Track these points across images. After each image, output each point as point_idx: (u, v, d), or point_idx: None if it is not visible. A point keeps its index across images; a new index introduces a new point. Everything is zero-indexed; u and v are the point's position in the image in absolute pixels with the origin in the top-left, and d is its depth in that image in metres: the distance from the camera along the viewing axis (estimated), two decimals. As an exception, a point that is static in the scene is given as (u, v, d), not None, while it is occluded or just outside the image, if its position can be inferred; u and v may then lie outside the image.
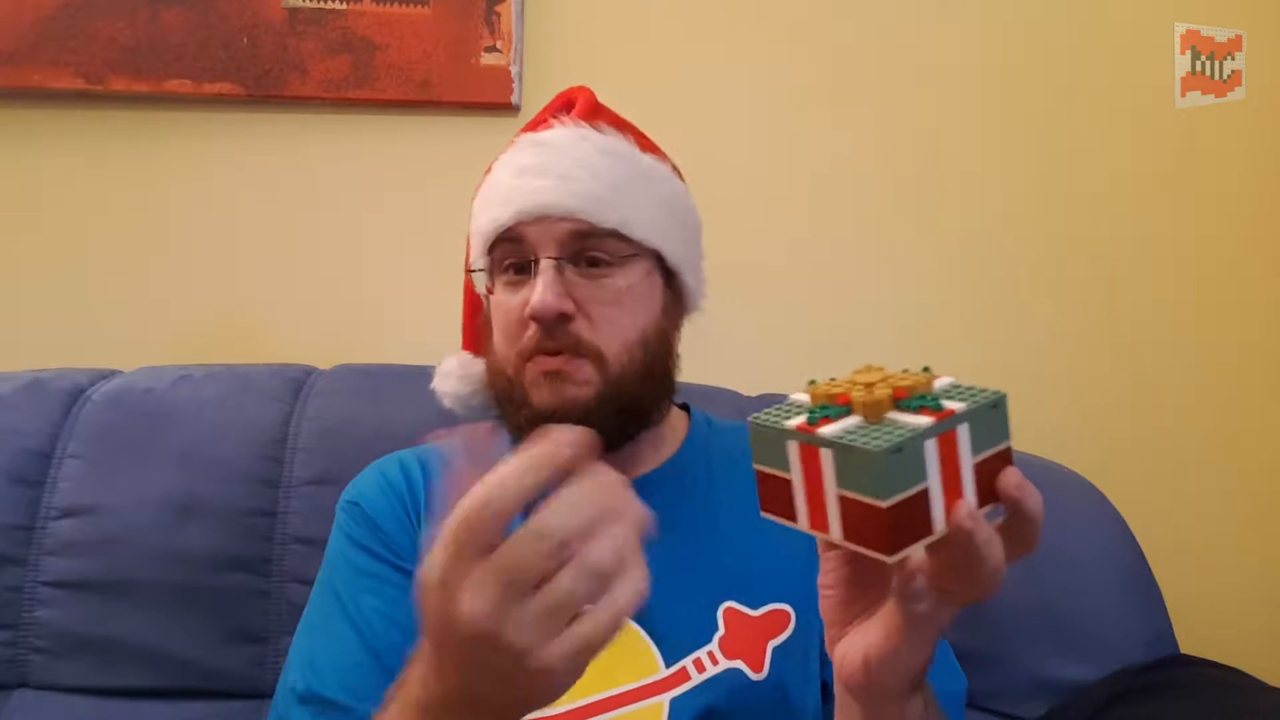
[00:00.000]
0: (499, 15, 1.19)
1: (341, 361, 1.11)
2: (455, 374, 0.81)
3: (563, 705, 0.64)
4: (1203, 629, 1.07)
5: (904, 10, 1.24)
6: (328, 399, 1.02)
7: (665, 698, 0.65)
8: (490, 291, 0.75)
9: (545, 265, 0.68)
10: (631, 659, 0.66)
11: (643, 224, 0.71)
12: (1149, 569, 0.99)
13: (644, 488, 0.73)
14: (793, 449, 0.44)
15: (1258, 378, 1.24)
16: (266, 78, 1.17)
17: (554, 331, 0.68)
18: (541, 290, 0.67)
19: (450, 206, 1.21)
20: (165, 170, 1.20)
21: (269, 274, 1.21)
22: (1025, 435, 1.14)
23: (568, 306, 0.68)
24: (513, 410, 0.71)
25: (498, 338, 0.73)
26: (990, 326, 1.24)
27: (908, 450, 0.40)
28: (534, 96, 1.21)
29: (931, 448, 0.41)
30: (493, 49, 1.19)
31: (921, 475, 0.40)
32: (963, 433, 0.41)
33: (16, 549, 0.93)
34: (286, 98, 1.18)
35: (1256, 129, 1.25)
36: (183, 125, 1.20)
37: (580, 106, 0.77)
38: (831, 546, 0.50)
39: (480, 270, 0.74)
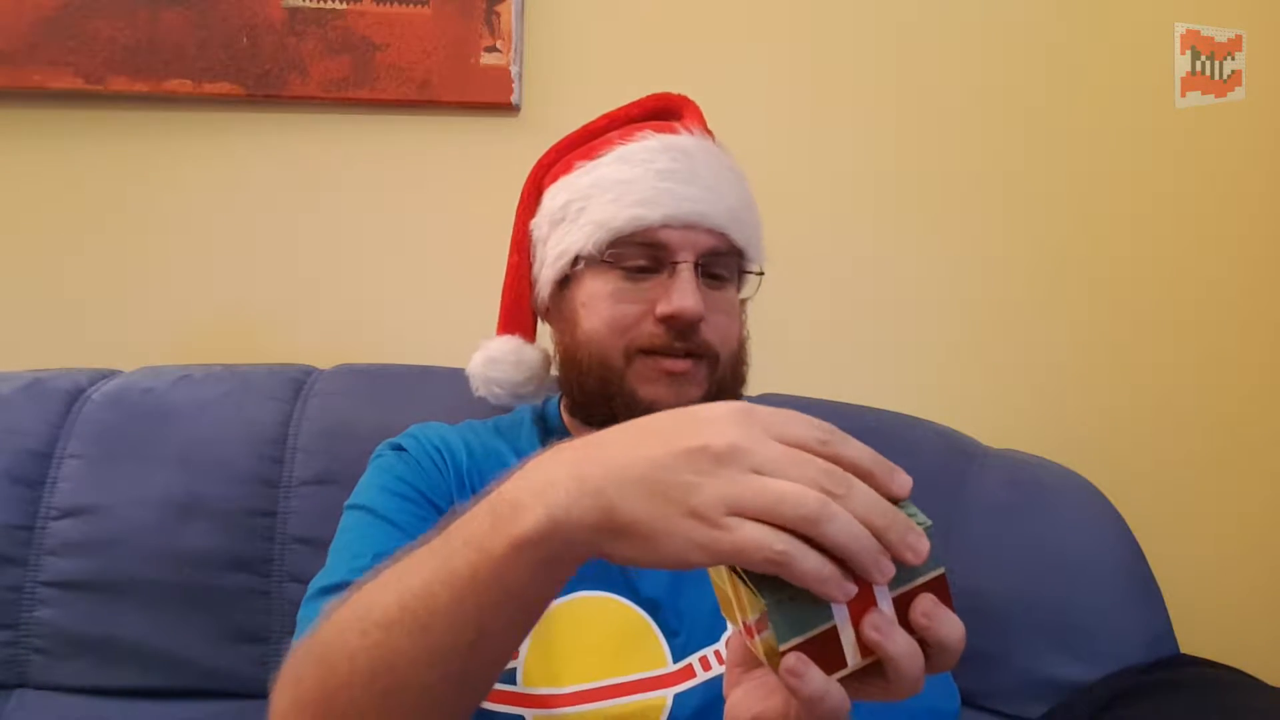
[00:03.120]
0: (499, 15, 1.19)
1: (341, 361, 1.11)
2: (509, 360, 0.80)
3: (570, 685, 0.65)
4: (1203, 629, 1.06)
5: (901, 11, 1.24)
6: (328, 399, 1.02)
7: (669, 692, 0.66)
8: (569, 277, 0.75)
9: (687, 268, 0.70)
10: (641, 650, 0.67)
11: (757, 247, 0.77)
12: (1149, 569, 0.99)
13: None
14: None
15: (1258, 377, 1.24)
16: (266, 78, 1.17)
17: (687, 334, 0.70)
18: (687, 295, 0.69)
19: (450, 206, 1.22)
20: (165, 170, 1.20)
21: (269, 274, 1.21)
22: (1026, 435, 1.15)
23: (704, 312, 0.70)
24: (610, 400, 0.71)
25: (601, 326, 0.72)
26: (989, 326, 1.24)
27: (795, 599, 0.39)
28: (534, 96, 1.21)
29: None
30: (493, 49, 1.19)
31: (825, 617, 0.39)
32: None
33: (16, 549, 0.92)
34: (286, 98, 1.18)
35: (1256, 129, 1.25)
36: (183, 125, 1.20)
37: (696, 118, 0.80)
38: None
39: (596, 259, 0.73)
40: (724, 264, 0.74)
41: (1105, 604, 0.95)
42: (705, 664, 0.68)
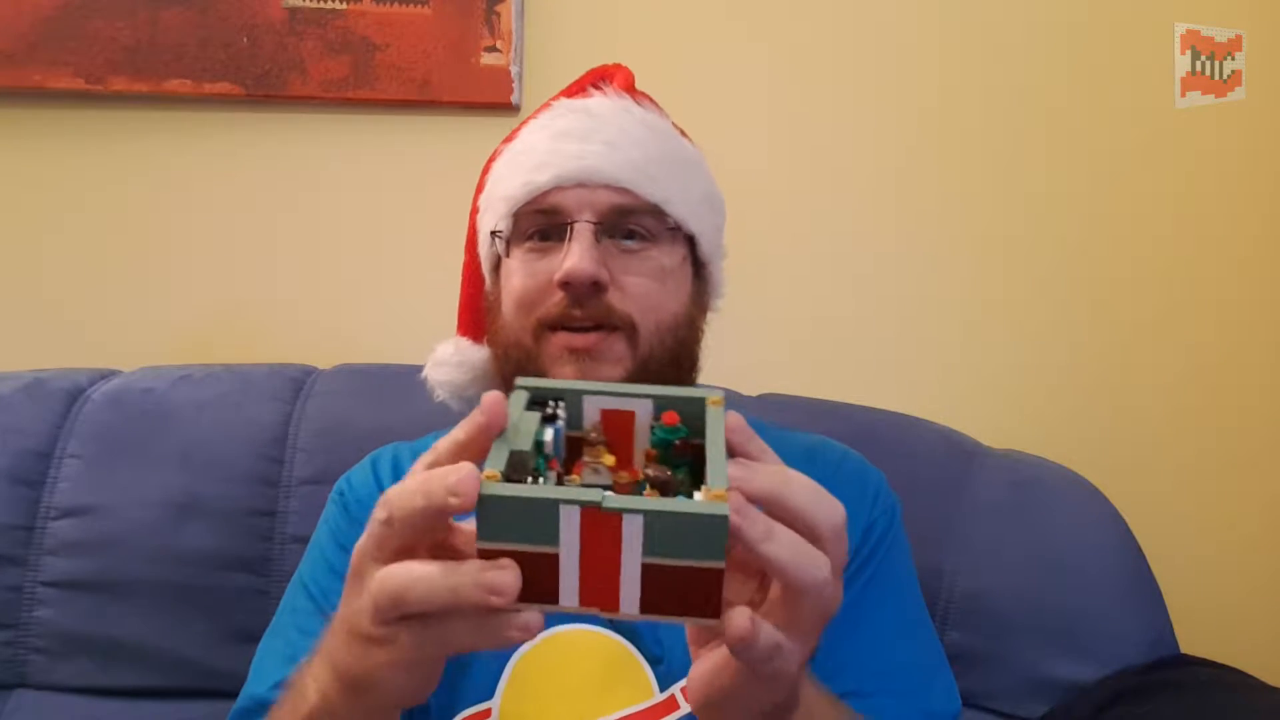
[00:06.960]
0: (499, 15, 1.19)
1: (341, 361, 1.11)
2: (450, 361, 0.76)
3: None
4: (1203, 629, 1.06)
5: (900, 12, 1.24)
6: (328, 399, 1.03)
7: None
8: (502, 259, 0.70)
9: (582, 229, 0.64)
10: (626, 683, 0.64)
11: (683, 204, 0.68)
12: (1149, 569, 0.99)
13: None
14: (570, 516, 0.35)
15: (1258, 377, 1.24)
16: (266, 78, 1.17)
17: (585, 301, 0.63)
18: (577, 255, 0.62)
19: (450, 206, 1.21)
20: (165, 170, 1.20)
21: (269, 274, 1.21)
22: (1026, 435, 1.15)
23: (603, 275, 0.63)
24: None
25: (511, 306, 0.67)
26: (989, 325, 1.24)
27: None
28: (534, 96, 1.21)
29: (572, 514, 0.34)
30: (493, 49, 1.19)
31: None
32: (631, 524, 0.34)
33: (16, 549, 0.93)
34: (286, 98, 1.18)
35: (1256, 129, 1.25)
36: (183, 125, 1.20)
37: (621, 80, 0.74)
38: None
39: (500, 236, 0.68)
40: (639, 222, 0.66)
41: (1105, 604, 0.95)
42: (687, 694, 0.65)
